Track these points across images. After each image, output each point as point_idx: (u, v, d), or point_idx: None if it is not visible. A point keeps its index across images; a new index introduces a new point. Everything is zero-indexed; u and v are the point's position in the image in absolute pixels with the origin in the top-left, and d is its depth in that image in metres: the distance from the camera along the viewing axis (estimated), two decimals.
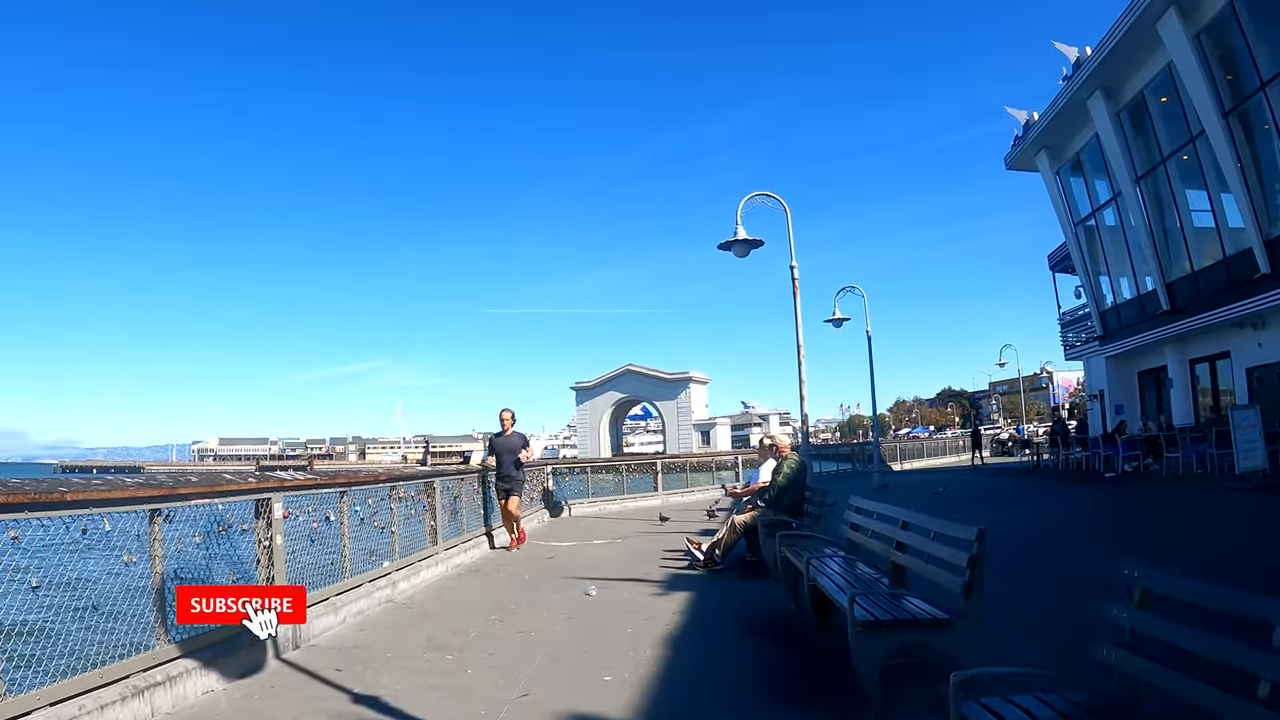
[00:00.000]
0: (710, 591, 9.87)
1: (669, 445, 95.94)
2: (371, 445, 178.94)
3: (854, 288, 27.80)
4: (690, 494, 24.78)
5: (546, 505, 20.29)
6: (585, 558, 13.30)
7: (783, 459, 11.60)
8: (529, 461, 15.11)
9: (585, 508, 21.45)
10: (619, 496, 22.67)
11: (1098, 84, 26.74)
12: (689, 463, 25.46)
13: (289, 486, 7.60)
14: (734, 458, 27.37)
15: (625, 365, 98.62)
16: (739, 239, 16.80)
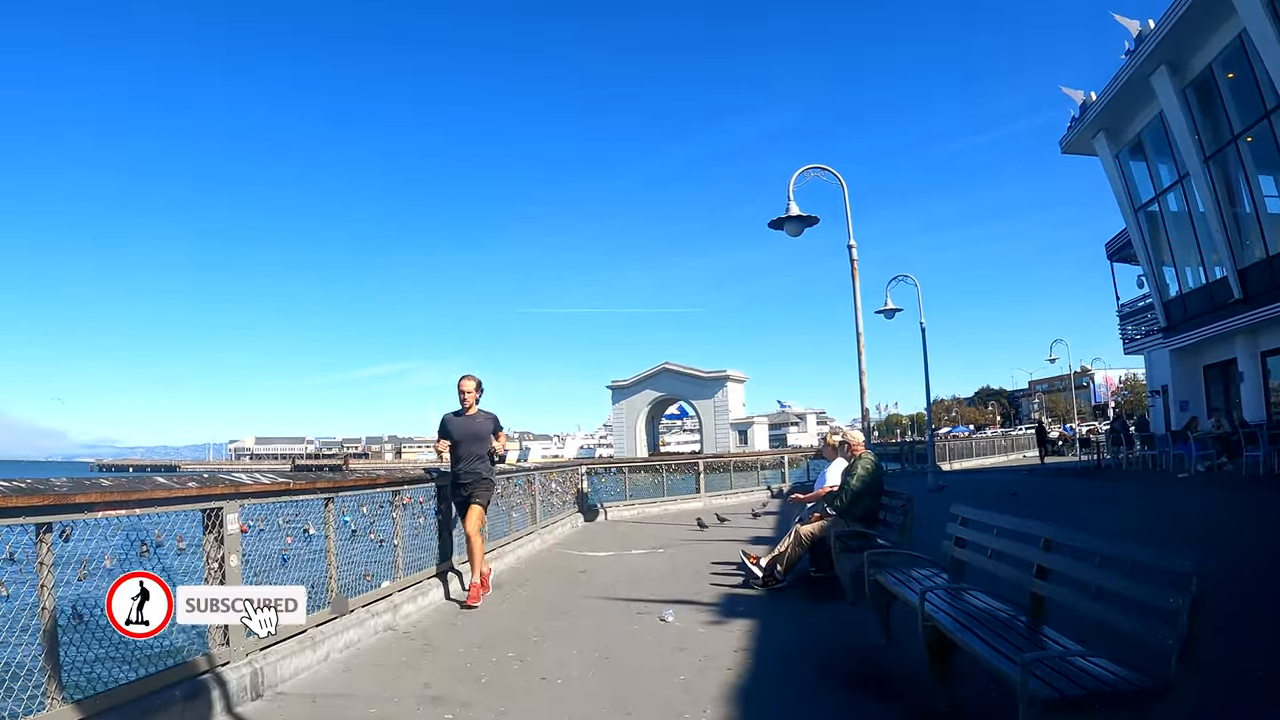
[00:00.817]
0: (775, 619, 8.11)
1: (706, 444, 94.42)
2: (408, 444, 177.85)
3: (906, 277, 25.92)
4: (734, 495, 23.04)
5: (580, 508, 18.64)
6: (623, 571, 11.57)
7: (856, 458, 9.80)
8: (506, 458, 10.77)
9: (623, 510, 19.77)
10: (658, 499, 20.96)
11: (1162, 58, 24.68)
12: (732, 462, 23.55)
13: (249, 492, 5.94)
14: (780, 457, 25.62)
15: (662, 364, 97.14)
16: (792, 215, 15.10)
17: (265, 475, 6.37)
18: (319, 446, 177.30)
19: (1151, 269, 29.58)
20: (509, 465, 13.24)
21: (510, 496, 13.07)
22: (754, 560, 9.92)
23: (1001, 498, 19.11)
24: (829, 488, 10.42)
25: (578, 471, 18.83)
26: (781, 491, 24.59)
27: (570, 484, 17.99)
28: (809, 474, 26.51)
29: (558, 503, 16.61)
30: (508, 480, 13.03)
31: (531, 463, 14.80)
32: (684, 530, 16.37)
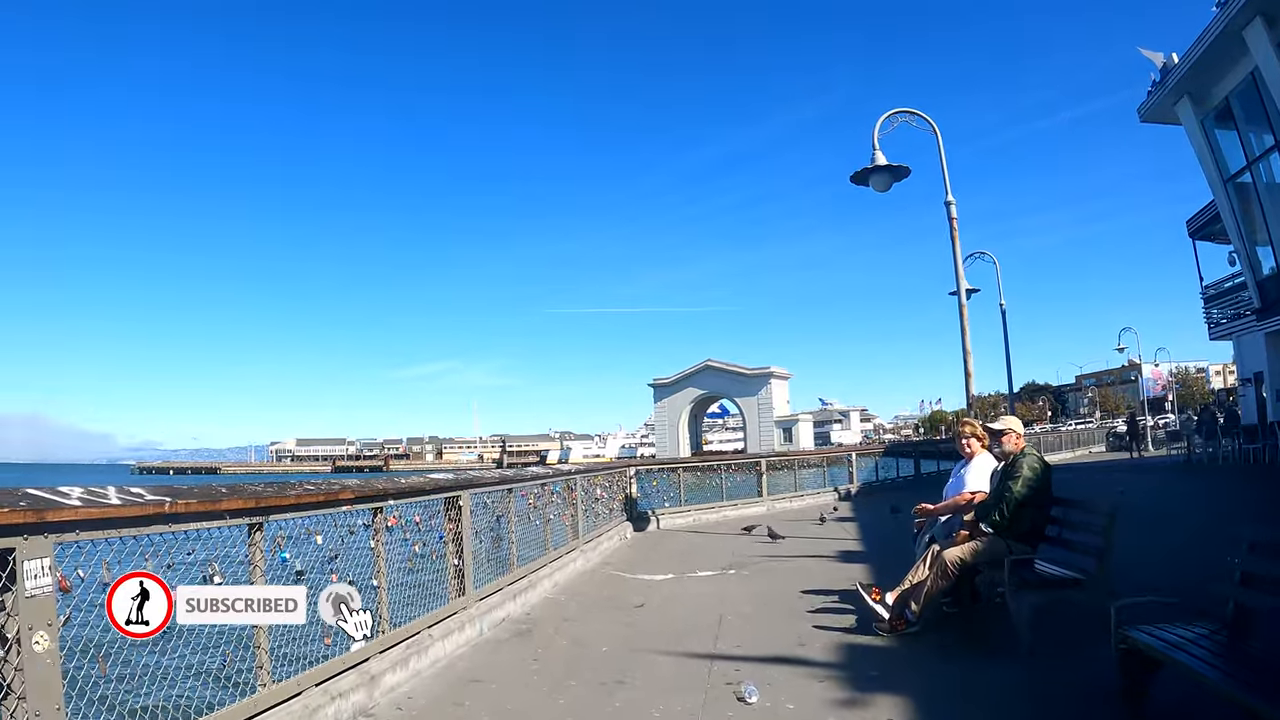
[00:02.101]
0: (936, 693, 5.38)
1: (750, 443, 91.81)
2: (448, 445, 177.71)
3: (984, 254, 23.03)
4: (800, 498, 20.30)
5: (629, 516, 16.01)
6: (689, 604, 8.90)
7: (1017, 455, 6.98)
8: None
9: (676, 518, 17.11)
10: (716, 503, 18.28)
11: (1258, 9, 21.55)
12: (797, 461, 20.75)
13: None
14: (847, 455, 22.80)
15: (704, 361, 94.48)
16: (880, 166, 12.56)
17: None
18: (359, 448, 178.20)
19: (1243, 245, 26.31)
20: (545, 468, 10.65)
21: (547, 507, 10.48)
22: (876, 596, 7.22)
23: (1124, 503, 16.26)
24: (971, 495, 7.72)
25: (625, 474, 16.20)
26: (850, 494, 21.85)
27: (617, 488, 15.37)
28: (877, 472, 23.72)
29: (604, 511, 13.99)
30: (542, 487, 10.44)
31: (573, 464, 12.10)
32: (752, 543, 13.77)
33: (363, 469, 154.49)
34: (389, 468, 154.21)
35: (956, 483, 8.35)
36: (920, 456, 26.20)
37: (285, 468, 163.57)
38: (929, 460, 26.67)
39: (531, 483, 9.94)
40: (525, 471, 9.59)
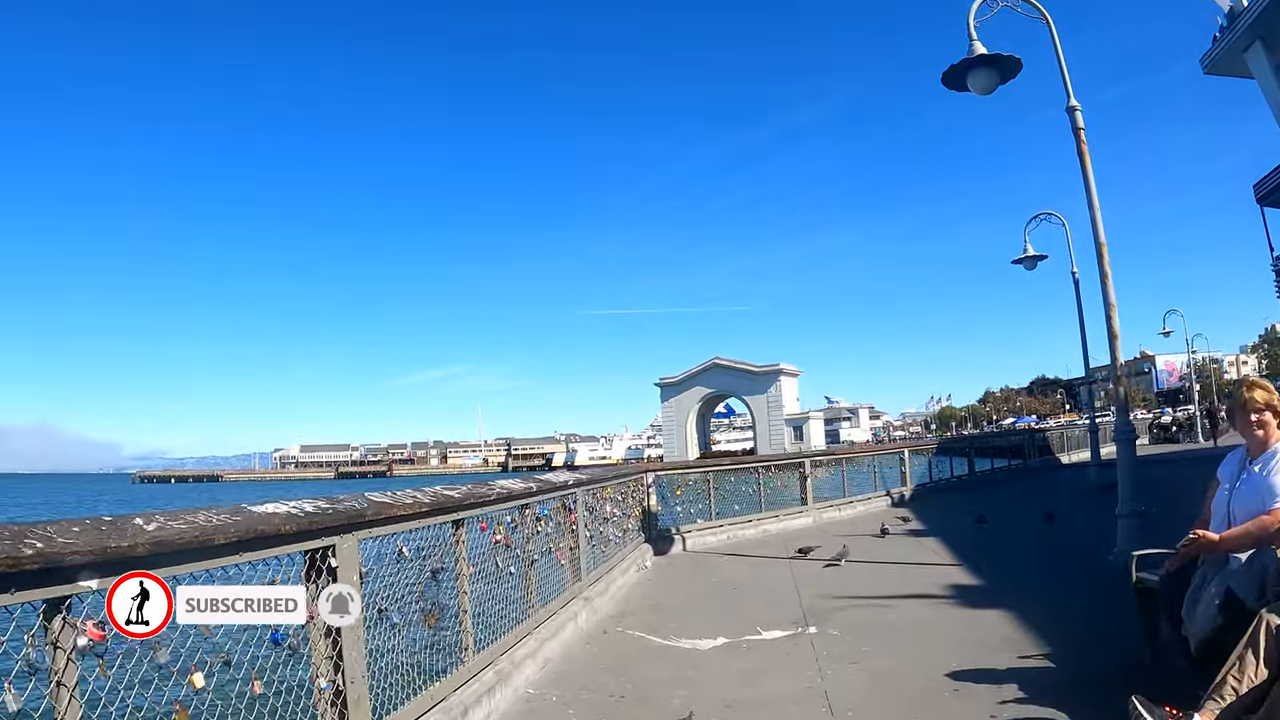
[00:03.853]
0: None
1: (760, 442, 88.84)
2: (453, 449, 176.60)
3: (1051, 215, 19.19)
4: (850, 505, 16.53)
5: (648, 535, 12.27)
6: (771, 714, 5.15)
7: None
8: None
9: (707, 535, 13.33)
10: (754, 515, 14.47)
11: None
12: (844, 460, 17.00)
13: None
14: (898, 453, 19.02)
15: (712, 359, 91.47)
16: (980, 56, 8.95)
17: None
18: (364, 453, 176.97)
19: None
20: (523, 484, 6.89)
21: (531, 542, 6.72)
22: (1176, 715, 3.52)
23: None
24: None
25: (642, 482, 12.38)
26: (904, 498, 18.08)
27: (632, 501, 11.63)
28: (931, 472, 19.92)
29: (615, 534, 10.24)
30: (521, 512, 6.66)
31: (576, 468, 8.15)
32: (814, 571, 10.19)
33: (365, 475, 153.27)
34: (393, 474, 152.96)
35: (1252, 490, 4.47)
36: (975, 454, 22.50)
37: (288, 475, 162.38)
38: (983, 458, 23.00)
39: (498, 507, 6.15)
40: (487, 489, 5.77)
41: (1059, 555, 10.24)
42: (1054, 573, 9.17)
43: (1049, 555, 10.34)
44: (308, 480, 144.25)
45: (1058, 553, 10.40)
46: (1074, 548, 10.55)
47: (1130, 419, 10.72)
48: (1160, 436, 40.81)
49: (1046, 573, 9.22)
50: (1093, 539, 11.00)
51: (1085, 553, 10.07)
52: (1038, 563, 9.91)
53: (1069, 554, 10.22)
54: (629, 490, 11.44)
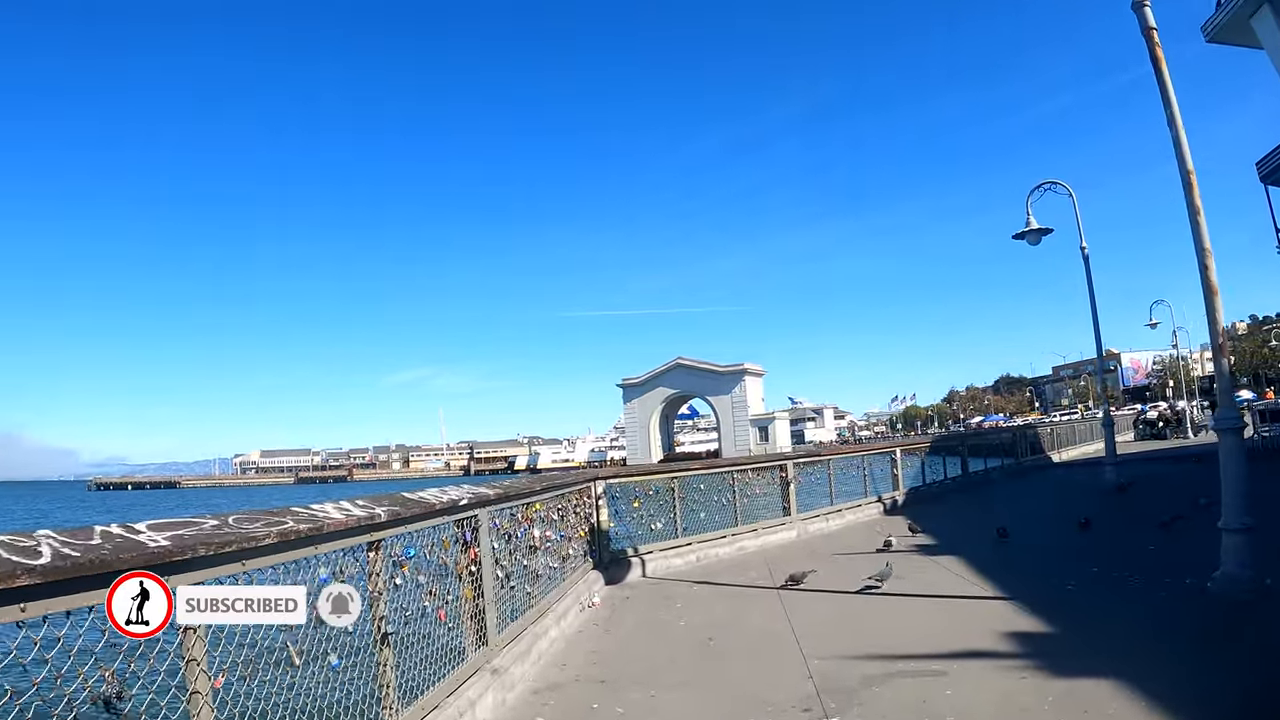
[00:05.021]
0: None
1: (724, 443, 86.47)
2: (415, 453, 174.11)
3: (1056, 184, 16.84)
4: (838, 514, 14.06)
5: (598, 560, 9.70)
6: None
7: None
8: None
9: (672, 556, 10.74)
10: (728, 530, 11.87)
11: None
12: (831, 461, 14.48)
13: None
14: (893, 452, 16.51)
15: (675, 359, 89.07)
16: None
17: None
18: (325, 458, 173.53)
19: None
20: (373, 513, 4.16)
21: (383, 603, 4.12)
22: None
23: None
24: None
25: (589, 494, 9.75)
26: (897, 503, 15.66)
27: (577, 518, 9.03)
28: (924, 474, 17.49)
29: (550, 565, 7.65)
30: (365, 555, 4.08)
31: (472, 489, 5.34)
32: (811, 607, 7.78)
33: (326, 480, 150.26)
34: (353, 478, 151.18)
35: None
36: (969, 453, 20.16)
37: (247, 480, 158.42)
38: (976, 457, 20.69)
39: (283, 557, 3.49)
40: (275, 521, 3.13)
41: (1127, 582, 7.79)
42: (1137, 610, 6.73)
43: (1114, 583, 7.85)
44: (266, 486, 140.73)
45: (1123, 578, 7.94)
46: (1140, 570, 8.16)
47: (1235, 402, 8.29)
48: (1146, 433, 39.03)
49: (1128, 610, 6.77)
50: (1158, 557, 8.67)
51: (1162, 577, 7.68)
52: (1106, 594, 7.42)
53: (1139, 580, 7.80)
54: (570, 505, 8.80)
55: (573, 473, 9.90)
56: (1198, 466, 19.10)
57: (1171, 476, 17.67)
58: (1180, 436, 34.77)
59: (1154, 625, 6.24)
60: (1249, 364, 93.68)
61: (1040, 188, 16.57)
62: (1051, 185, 16.60)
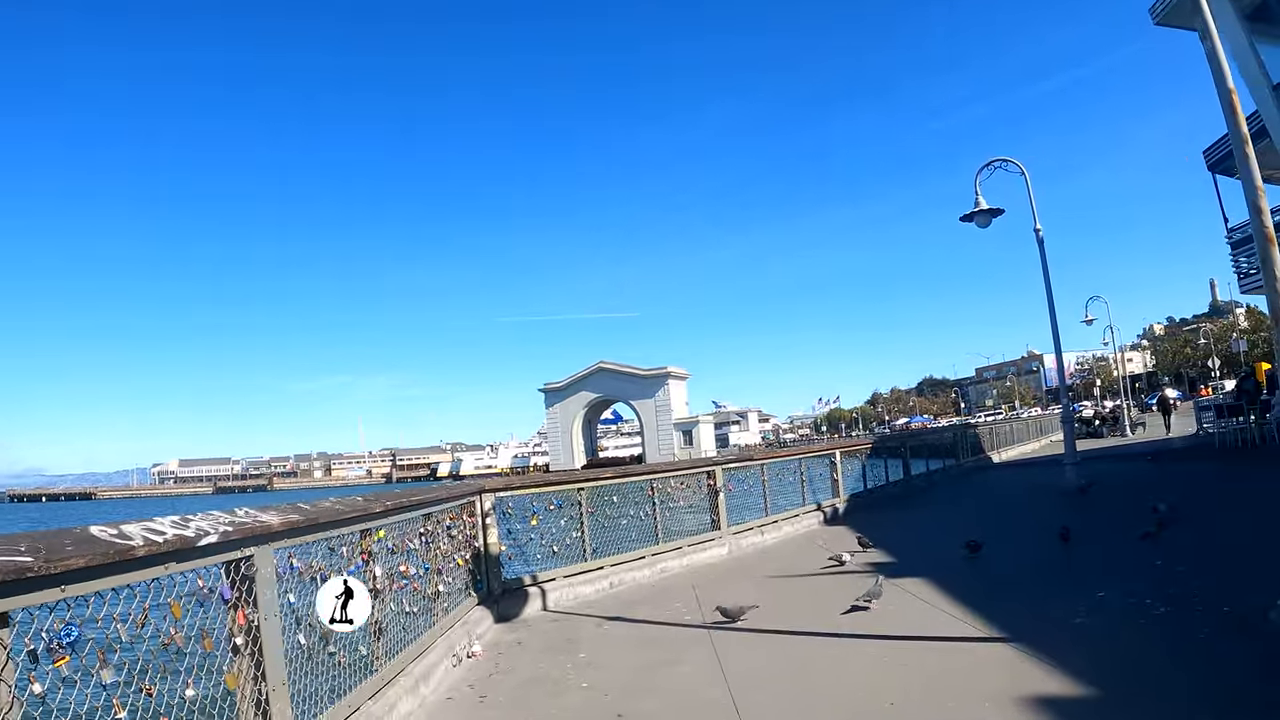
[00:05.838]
0: None
1: (648, 448, 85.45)
2: (337, 461, 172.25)
3: (1007, 161, 15.42)
4: (775, 526, 12.33)
5: (485, 592, 7.75)
6: None
7: None
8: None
9: (580, 585, 8.80)
10: (647, 548, 9.93)
11: None
12: (763, 465, 12.71)
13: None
14: (832, 454, 14.86)
15: (597, 363, 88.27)
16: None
17: None
18: (245, 467, 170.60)
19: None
20: None
21: None
22: None
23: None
24: None
25: (474, 509, 7.79)
26: (838, 512, 14.05)
27: (456, 540, 7.08)
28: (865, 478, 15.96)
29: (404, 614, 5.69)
30: None
31: (259, 513, 3.29)
32: (757, 655, 5.99)
33: (245, 489, 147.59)
34: (273, 487, 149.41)
35: None
36: (911, 455, 18.65)
37: (165, 491, 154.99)
38: (918, 459, 19.23)
39: None
40: None
41: (1148, 611, 6.07)
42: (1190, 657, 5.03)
43: (1132, 612, 6.10)
44: (184, 496, 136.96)
45: (1140, 606, 6.21)
46: (1156, 594, 6.44)
47: None
48: (1082, 431, 38.57)
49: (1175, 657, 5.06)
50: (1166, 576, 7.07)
51: (1190, 604, 6.04)
52: (1132, 631, 5.67)
53: (1163, 608, 6.10)
54: (441, 527, 6.83)
55: (449, 485, 7.86)
56: (1153, 465, 18.00)
57: (1129, 476, 16.44)
58: (1118, 435, 34.35)
59: (1228, 682, 4.53)
60: (1171, 363, 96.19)
61: (990, 165, 15.12)
62: (1002, 163, 15.16)
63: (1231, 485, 13.83)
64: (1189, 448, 21.53)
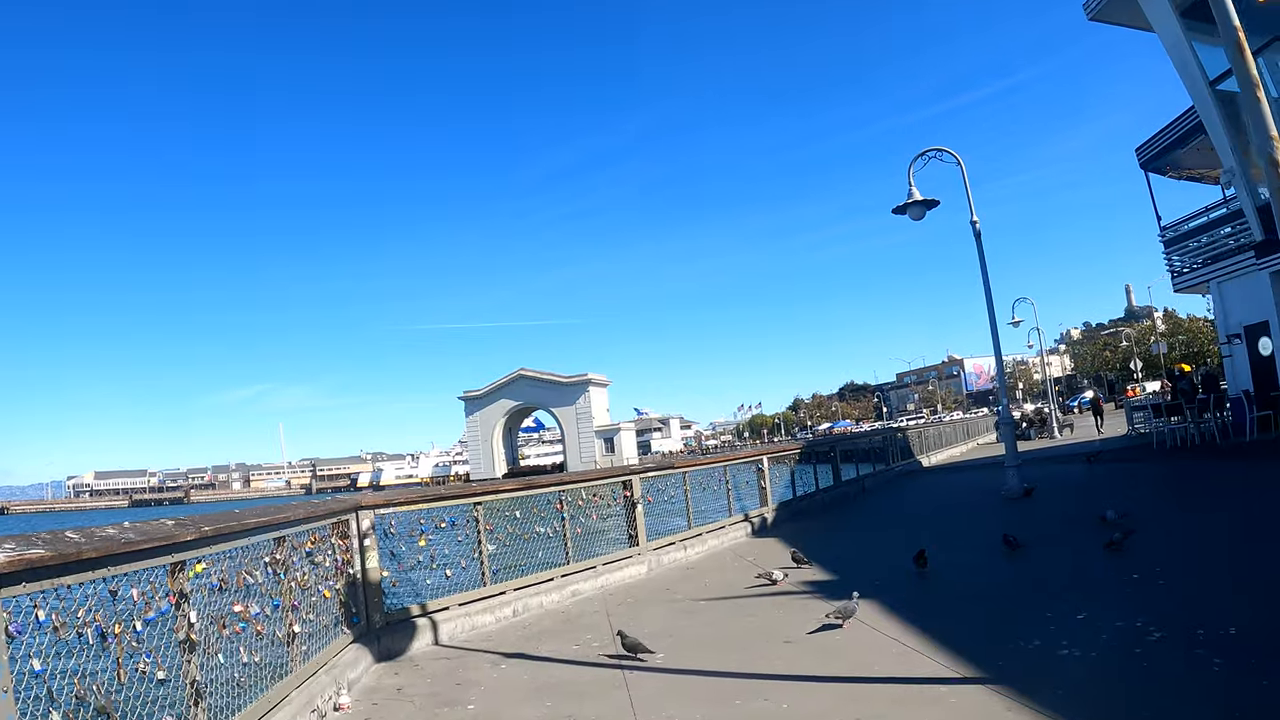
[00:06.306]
0: None
1: (570, 456, 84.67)
2: (256, 472, 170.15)
3: (944, 151, 14.74)
4: (699, 540, 11.29)
5: (362, 627, 6.52)
6: None
7: None
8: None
9: (478, 613, 7.62)
10: (556, 570, 8.80)
11: None
12: (686, 474, 11.70)
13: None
14: (759, 460, 13.93)
15: (517, 370, 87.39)
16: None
17: None
18: (162, 479, 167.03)
19: (1240, 165, 19.28)
20: None
21: None
22: None
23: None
24: None
25: (346, 531, 6.53)
26: (767, 523, 13.16)
27: (323, 568, 5.89)
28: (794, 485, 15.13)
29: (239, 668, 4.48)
30: None
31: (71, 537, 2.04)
32: (701, 710, 4.72)
33: (162, 502, 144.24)
34: (190, 500, 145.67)
35: None
36: (842, 459, 17.90)
37: (80, 504, 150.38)
38: (849, 464, 18.54)
39: None
40: None
41: (1142, 637, 5.14)
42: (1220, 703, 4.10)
43: (1122, 637, 5.18)
44: (99, 509, 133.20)
45: (1130, 630, 5.29)
46: (1147, 615, 5.53)
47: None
48: (1020, 435, 39.13)
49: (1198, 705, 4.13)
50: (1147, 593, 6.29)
51: (1189, 627, 5.11)
52: (1134, 666, 4.65)
53: (1157, 631, 5.19)
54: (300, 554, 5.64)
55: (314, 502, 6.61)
56: (1094, 466, 17.60)
57: (1071, 478, 15.94)
58: (1045, 437, 34.60)
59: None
60: (1090, 367, 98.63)
61: (925, 155, 14.39)
62: (937, 153, 14.46)
63: (1185, 484, 13.33)
64: (1126, 448, 21.30)
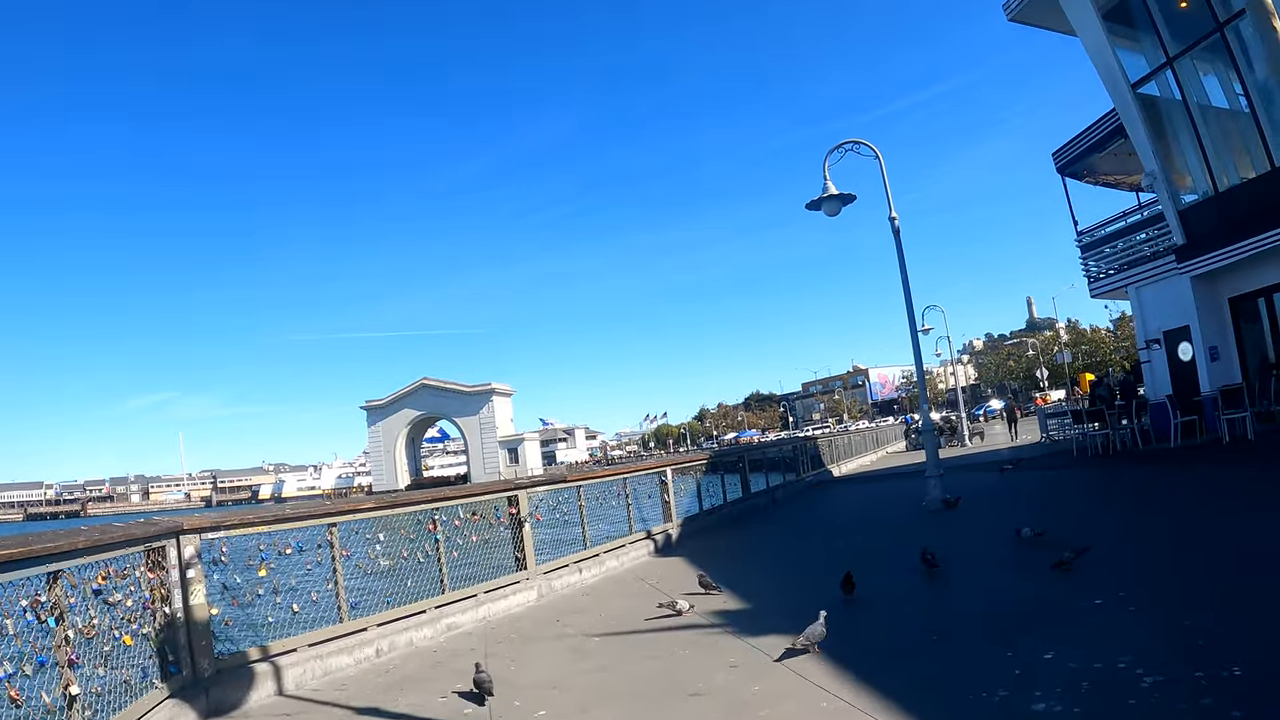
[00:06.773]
0: None
1: (473, 466, 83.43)
2: (155, 484, 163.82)
3: (860, 144, 14.19)
4: (594, 561, 10.26)
5: (183, 679, 5.38)
6: None
7: None
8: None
9: (330, 654, 6.49)
10: (428, 601, 7.63)
11: None
12: (580, 489, 10.77)
13: None
14: (662, 472, 13.04)
15: (420, 380, 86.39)
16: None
17: None
18: (59, 491, 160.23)
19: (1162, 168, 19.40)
20: None
21: None
22: None
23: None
24: None
25: (161, 560, 5.43)
26: (671, 539, 12.32)
27: (131, 605, 4.80)
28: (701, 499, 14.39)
29: None
30: None
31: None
32: None
33: (58, 515, 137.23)
34: (87, 513, 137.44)
35: None
36: (751, 469, 17.20)
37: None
38: (758, 474, 17.87)
39: None
40: None
41: (1136, 682, 4.12)
42: None
43: (1108, 684, 4.18)
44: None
45: (1113, 671, 4.34)
46: (1138, 655, 4.53)
47: None
48: (918, 442, 39.58)
49: None
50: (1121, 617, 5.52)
51: (1186, 668, 4.20)
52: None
53: (1150, 676, 4.17)
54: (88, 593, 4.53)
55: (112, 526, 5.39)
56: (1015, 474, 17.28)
57: (993, 487, 15.50)
58: (956, 445, 34.86)
59: None
60: (995, 376, 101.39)
61: (841, 148, 13.82)
62: (854, 146, 13.88)
63: (1118, 492, 12.78)
64: (1046, 455, 21.20)
